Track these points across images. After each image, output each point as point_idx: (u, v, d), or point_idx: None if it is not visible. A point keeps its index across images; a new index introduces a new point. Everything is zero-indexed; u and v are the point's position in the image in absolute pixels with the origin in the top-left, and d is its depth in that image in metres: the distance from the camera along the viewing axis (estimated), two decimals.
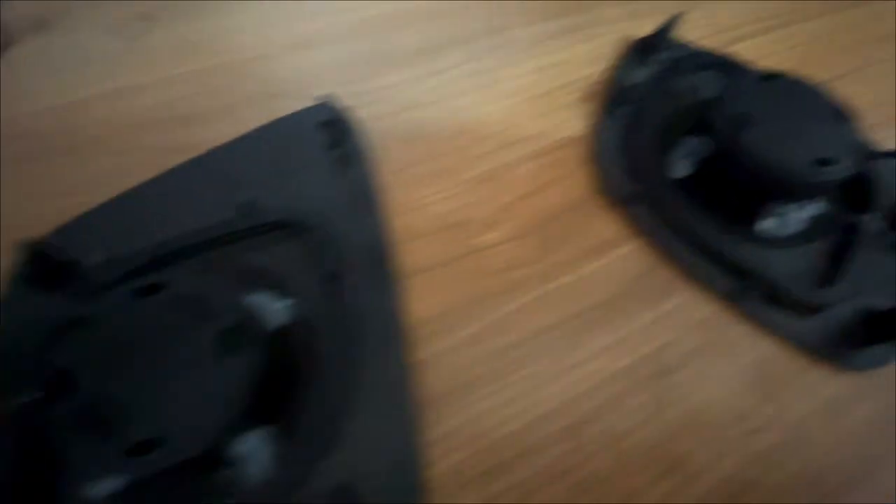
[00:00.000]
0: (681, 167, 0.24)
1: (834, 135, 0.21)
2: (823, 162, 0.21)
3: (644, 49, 0.29)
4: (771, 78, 0.23)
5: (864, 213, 0.23)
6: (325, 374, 0.19)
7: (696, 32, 0.32)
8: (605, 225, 0.24)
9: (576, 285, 0.22)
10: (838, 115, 0.22)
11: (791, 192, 0.21)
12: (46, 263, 0.20)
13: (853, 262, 0.22)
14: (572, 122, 0.28)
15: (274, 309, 0.19)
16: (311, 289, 0.21)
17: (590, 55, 0.31)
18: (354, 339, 0.20)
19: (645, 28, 0.30)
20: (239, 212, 0.23)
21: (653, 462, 0.19)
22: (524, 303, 0.22)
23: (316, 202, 0.23)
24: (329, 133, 0.25)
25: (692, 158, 0.24)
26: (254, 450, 0.17)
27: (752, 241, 0.23)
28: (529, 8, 0.33)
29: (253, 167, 0.25)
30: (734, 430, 0.19)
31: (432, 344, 0.21)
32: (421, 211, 0.24)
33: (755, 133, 0.21)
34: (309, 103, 0.26)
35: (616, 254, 0.23)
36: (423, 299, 0.22)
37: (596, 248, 0.23)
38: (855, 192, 0.23)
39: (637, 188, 0.24)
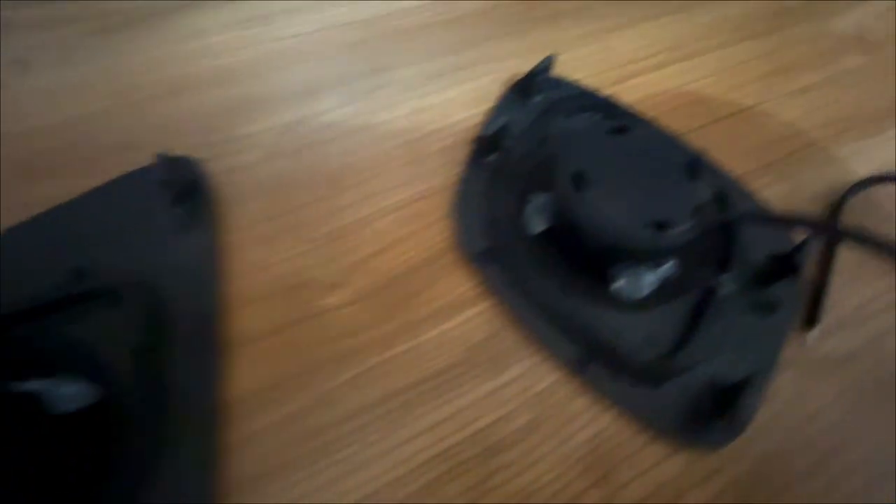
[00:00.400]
0: (536, 223, 0.23)
1: (679, 194, 0.20)
2: (660, 225, 0.19)
3: (522, 90, 0.28)
4: (619, 131, 0.22)
5: (720, 274, 0.21)
6: (124, 459, 0.18)
7: (590, 69, 0.31)
8: (456, 285, 0.23)
9: (414, 353, 0.21)
10: (691, 171, 0.21)
11: (631, 255, 0.20)
12: None
13: (704, 328, 0.21)
14: (441, 170, 0.26)
15: (67, 392, 0.18)
16: (122, 364, 0.20)
17: (472, 96, 0.30)
18: (161, 421, 0.19)
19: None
20: (69, 277, 0.22)
21: None
22: (357, 374, 0.21)
23: (151, 267, 0.22)
24: (174, 190, 0.24)
25: (545, 214, 0.23)
26: None
27: (603, 305, 0.21)
28: (414, 47, 0.32)
29: (93, 228, 0.24)
30: None
31: (253, 421, 0.20)
32: (264, 272, 0.23)
33: (592, 194, 0.20)
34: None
35: (462, 317, 0.22)
36: (252, 371, 0.21)
37: (442, 311, 0.22)
38: (711, 252, 0.22)
39: (490, 244, 0.23)
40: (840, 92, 0.31)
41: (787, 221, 0.19)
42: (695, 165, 0.21)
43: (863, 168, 0.27)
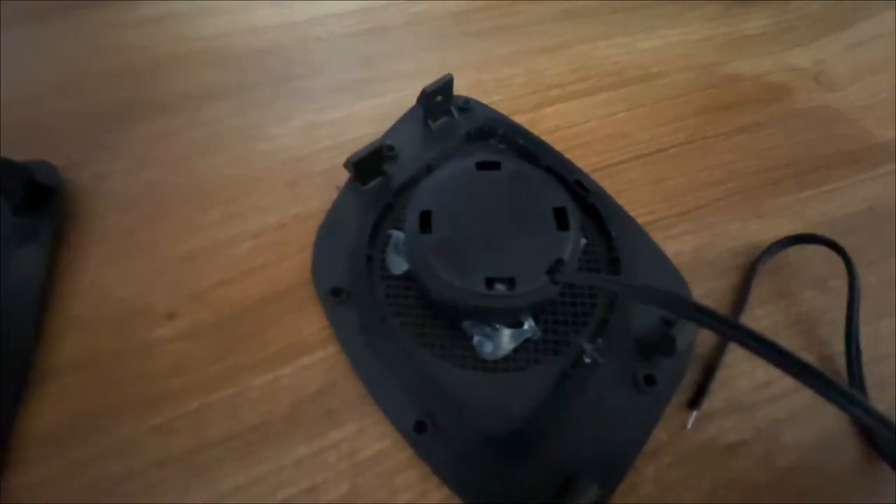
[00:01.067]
0: (395, 262, 0.21)
1: (537, 246, 0.17)
2: (507, 282, 0.17)
3: (424, 110, 0.25)
4: (490, 167, 0.19)
5: (588, 341, 0.19)
6: None
7: (510, 91, 0.28)
8: (303, 326, 0.20)
9: (237, 401, 0.19)
10: (558, 219, 0.18)
11: (475, 313, 0.18)
12: None
13: (564, 399, 0.18)
14: (320, 193, 0.24)
15: None
16: None
17: (375, 113, 0.27)
18: None
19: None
20: None
21: None
22: (167, 419, 0.18)
23: None
24: (15, 198, 0.22)
25: (403, 254, 0.20)
26: None
27: (458, 362, 0.19)
28: (328, 57, 0.30)
29: None
30: None
31: (35, 467, 0.17)
32: (100, 294, 0.21)
33: (435, 237, 0.17)
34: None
35: (300, 363, 0.20)
36: (53, 407, 0.19)
37: (280, 355, 0.20)
38: (581, 314, 0.20)
39: (345, 282, 0.21)
40: (785, 135, 0.27)
41: (650, 296, 0.15)
42: (563, 212, 0.18)
43: (793, 224, 0.24)
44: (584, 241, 0.19)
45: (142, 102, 0.28)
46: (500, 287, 0.17)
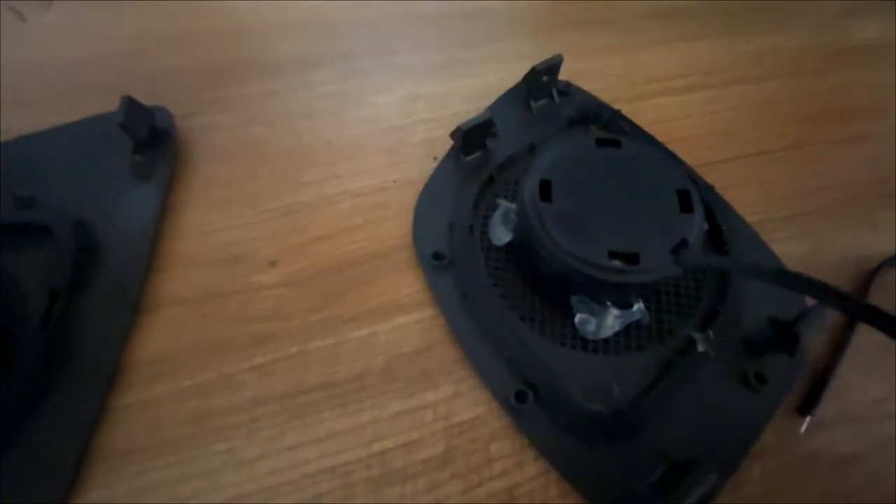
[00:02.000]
0: (499, 233, 0.20)
1: (661, 225, 0.17)
2: (628, 258, 0.16)
3: (525, 90, 0.25)
4: (611, 143, 0.19)
5: (701, 330, 0.18)
6: (7, 394, 0.17)
7: (608, 81, 0.28)
8: (401, 287, 0.21)
9: (335, 351, 0.19)
10: (682, 200, 0.18)
11: (594, 286, 0.17)
12: None
13: (669, 388, 0.17)
14: (419, 161, 0.24)
15: None
16: (36, 302, 0.19)
17: (472, 91, 0.27)
18: (55, 367, 0.18)
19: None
20: (13, 205, 0.22)
21: None
22: (267, 361, 0.19)
23: (94, 210, 0.22)
24: (135, 137, 0.23)
25: (510, 225, 0.20)
26: None
27: (558, 338, 0.19)
28: (426, 34, 0.31)
29: (50, 162, 0.23)
30: None
31: (143, 390, 0.18)
32: (206, 237, 0.22)
33: (557, 206, 0.17)
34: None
35: (397, 322, 0.20)
36: (160, 337, 0.19)
37: (377, 312, 0.20)
38: (694, 302, 0.19)
39: (447, 249, 0.21)
40: None
41: (792, 281, 0.15)
42: (688, 194, 0.18)
43: None
44: (705, 225, 0.18)
45: (247, 62, 0.29)
46: (619, 263, 0.17)
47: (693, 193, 0.18)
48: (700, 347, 0.18)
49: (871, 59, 0.30)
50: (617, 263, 0.16)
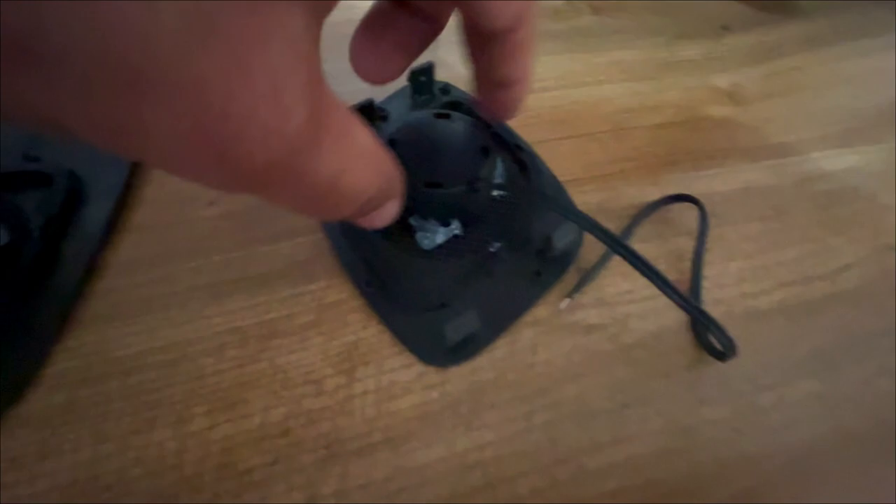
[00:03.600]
0: None
1: (464, 166, 0.25)
2: (437, 185, 0.24)
3: (412, 89, 0.34)
4: (441, 116, 0.27)
5: (497, 241, 0.26)
6: (11, 286, 0.25)
7: None
8: (301, 218, 0.29)
9: (250, 257, 0.27)
10: (483, 151, 0.25)
11: (417, 208, 0.25)
12: None
13: (474, 279, 0.25)
14: None
15: None
16: (37, 223, 0.27)
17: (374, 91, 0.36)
18: (50, 267, 0.26)
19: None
20: (22, 159, 0.30)
21: (218, 400, 0.23)
22: (203, 263, 0.27)
23: (84, 161, 0.30)
24: None
25: None
26: None
27: (404, 248, 0.26)
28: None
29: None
30: (299, 390, 0.23)
31: (114, 281, 0.26)
32: (163, 179, 0.30)
33: (395, 153, 0.25)
34: None
35: (298, 240, 0.28)
36: (125, 249, 0.27)
37: (284, 233, 0.28)
38: (496, 223, 0.27)
39: None
40: (694, 132, 0.35)
41: (554, 205, 0.24)
42: (487, 149, 0.26)
43: (681, 192, 0.31)
44: (501, 170, 0.27)
45: None
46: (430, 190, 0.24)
47: (491, 148, 0.26)
48: (492, 249, 0.26)
49: (688, 70, 0.39)
50: (429, 190, 0.24)
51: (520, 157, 0.30)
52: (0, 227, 0.26)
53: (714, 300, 0.27)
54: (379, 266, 0.26)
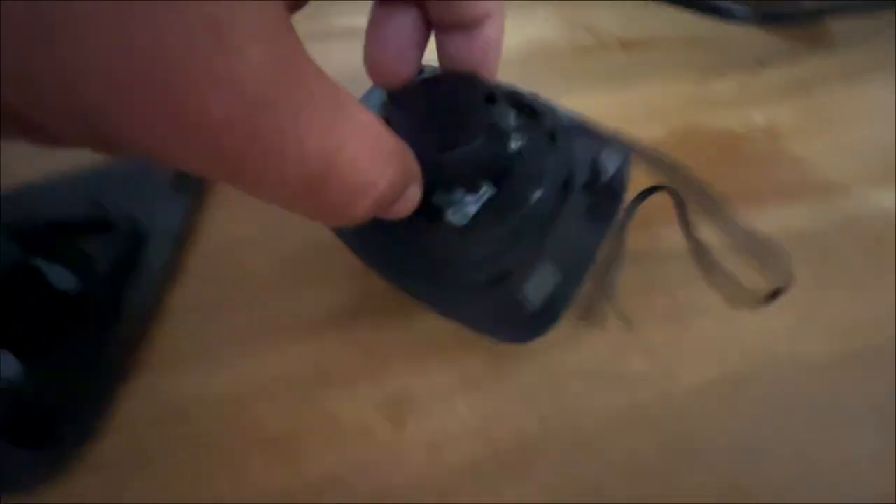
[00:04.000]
0: None
1: (472, 119, 0.22)
2: (447, 146, 0.21)
3: None
4: (428, 80, 0.23)
5: (531, 188, 0.22)
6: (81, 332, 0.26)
7: None
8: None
9: (300, 302, 0.28)
10: (488, 98, 0.22)
11: (437, 177, 0.21)
12: None
13: (524, 241, 0.22)
14: None
15: (59, 274, 0.27)
16: (103, 269, 0.28)
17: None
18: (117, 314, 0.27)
19: None
20: (89, 207, 0.32)
21: (275, 448, 0.22)
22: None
23: (146, 209, 0.32)
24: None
25: None
26: None
27: (440, 237, 0.23)
28: None
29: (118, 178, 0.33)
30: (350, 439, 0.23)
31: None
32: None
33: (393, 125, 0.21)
34: None
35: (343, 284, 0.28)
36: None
37: (334, 276, 0.28)
38: (530, 172, 0.23)
39: None
40: (732, 170, 0.35)
41: (587, 130, 0.22)
42: (491, 92, 0.22)
43: None
44: (512, 112, 0.24)
45: None
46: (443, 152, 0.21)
47: (497, 94, 0.22)
48: (536, 196, 0.22)
49: (723, 106, 0.39)
50: (448, 154, 0.21)
51: (524, 102, 0.26)
52: (72, 274, 0.28)
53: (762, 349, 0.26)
54: (421, 270, 0.23)
